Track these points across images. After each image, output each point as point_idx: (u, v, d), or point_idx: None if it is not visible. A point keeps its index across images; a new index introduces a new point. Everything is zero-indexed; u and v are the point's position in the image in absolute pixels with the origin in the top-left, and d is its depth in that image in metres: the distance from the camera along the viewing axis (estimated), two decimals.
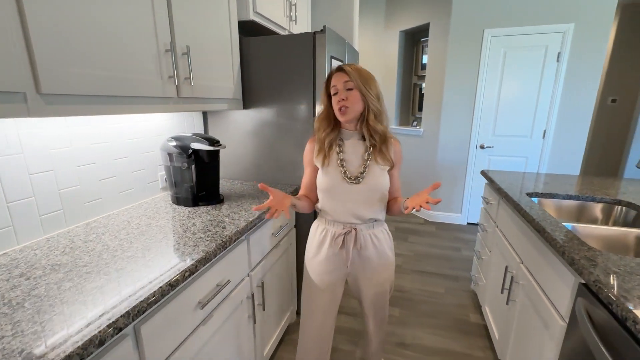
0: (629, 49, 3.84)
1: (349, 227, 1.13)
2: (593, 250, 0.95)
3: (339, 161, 1.10)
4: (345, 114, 1.05)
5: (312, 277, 1.21)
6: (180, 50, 1.17)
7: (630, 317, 0.67)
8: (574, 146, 3.02)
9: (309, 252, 1.23)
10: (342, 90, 1.04)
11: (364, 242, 1.14)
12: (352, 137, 1.12)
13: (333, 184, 1.10)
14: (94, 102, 0.89)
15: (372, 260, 1.16)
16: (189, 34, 1.22)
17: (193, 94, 1.26)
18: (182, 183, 1.36)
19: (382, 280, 1.19)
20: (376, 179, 1.10)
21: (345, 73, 1.03)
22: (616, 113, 4.17)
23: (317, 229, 1.20)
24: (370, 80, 1.05)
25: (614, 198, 1.50)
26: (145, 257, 0.92)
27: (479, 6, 2.93)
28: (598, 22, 2.71)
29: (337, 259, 1.16)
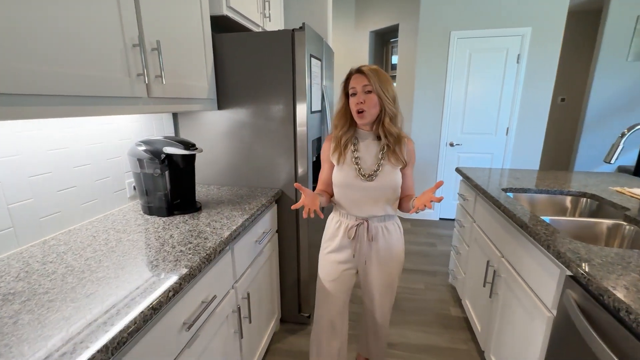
0: (575, 51, 4.19)
1: (361, 220, 1.18)
2: (575, 242, 0.99)
3: (353, 159, 1.14)
4: (363, 117, 1.09)
5: (325, 267, 1.26)
6: (150, 45, 1.06)
7: (623, 307, 0.70)
8: (533, 142, 3.23)
9: (324, 243, 1.28)
10: (360, 92, 1.07)
11: (375, 234, 1.19)
12: (367, 137, 1.16)
13: (348, 181, 1.15)
14: (49, 104, 0.77)
15: (382, 251, 1.21)
16: (159, 27, 1.11)
17: (165, 94, 1.15)
18: (155, 191, 1.24)
19: (390, 272, 1.24)
20: (389, 176, 1.13)
21: (365, 76, 1.06)
22: (565, 111, 4.54)
23: (332, 221, 1.26)
24: (387, 84, 1.08)
25: (579, 191, 1.60)
26: (119, 277, 0.82)
27: (445, 9, 3.03)
28: (551, 26, 2.92)
29: (349, 250, 1.22)
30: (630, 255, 0.91)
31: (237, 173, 1.71)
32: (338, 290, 1.26)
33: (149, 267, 0.87)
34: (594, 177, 1.88)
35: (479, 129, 3.26)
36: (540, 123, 3.17)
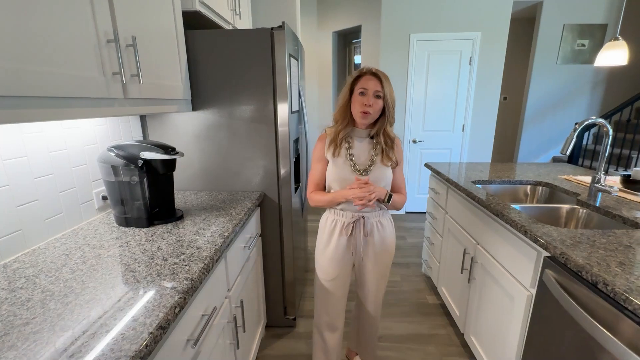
0: (514, 55, 4.65)
1: (357, 216, 1.21)
2: (547, 226, 1.11)
3: (348, 156, 1.18)
4: (366, 118, 1.13)
5: (323, 266, 1.28)
6: (125, 41, 0.97)
7: (600, 280, 0.80)
8: (486, 137, 3.53)
9: (320, 244, 1.29)
10: (370, 95, 1.10)
11: (370, 229, 1.23)
12: (362, 135, 1.20)
13: (344, 176, 1.18)
14: (10, 106, 0.67)
15: (377, 244, 1.25)
16: (133, 22, 1.02)
17: (141, 94, 1.06)
18: (132, 200, 1.14)
19: (384, 263, 1.30)
20: (382, 171, 1.19)
21: (379, 81, 1.10)
22: (508, 109, 5.02)
23: (327, 221, 1.27)
24: (392, 91, 1.13)
25: (535, 180, 1.79)
26: (112, 297, 0.74)
27: (404, 12, 3.18)
28: (497, 31, 3.20)
29: (346, 247, 1.24)
30: (594, 234, 1.04)
31: (214, 177, 1.63)
32: (338, 288, 1.29)
33: (144, 284, 0.80)
34: (544, 167, 2.11)
35: (439, 126, 3.47)
36: (491, 120, 3.47)
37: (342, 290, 1.32)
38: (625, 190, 1.48)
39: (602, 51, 2.20)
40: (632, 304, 0.71)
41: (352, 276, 1.35)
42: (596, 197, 1.39)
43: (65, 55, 0.77)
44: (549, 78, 4.16)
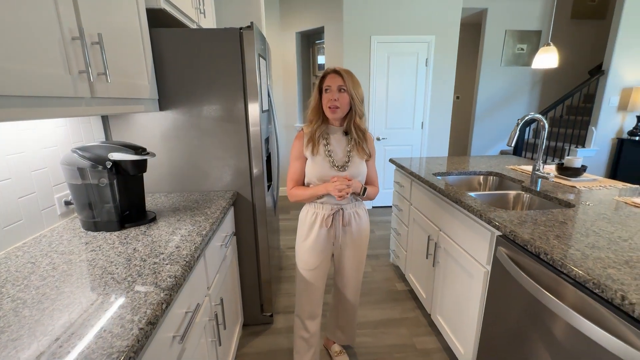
0: (465, 57, 5.03)
1: (336, 208, 1.28)
2: (498, 210, 1.25)
3: (326, 152, 1.24)
4: (335, 112, 1.19)
5: (304, 258, 1.33)
6: (90, 38, 0.94)
7: (542, 251, 0.94)
8: (442, 134, 3.79)
9: (300, 236, 1.35)
10: (334, 90, 1.17)
11: (349, 220, 1.31)
12: (337, 132, 1.26)
13: (324, 172, 1.24)
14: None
15: (354, 233, 1.34)
16: (98, 19, 0.99)
17: (109, 94, 1.03)
18: (102, 203, 1.10)
19: (361, 250, 1.39)
20: (358, 167, 1.26)
21: (341, 77, 1.17)
22: (460, 107, 5.41)
23: (307, 214, 1.32)
24: (358, 86, 1.19)
25: (487, 171, 1.98)
26: (93, 299, 0.73)
27: (364, 15, 3.31)
28: (449, 35, 3.46)
29: (326, 238, 1.31)
30: (535, 215, 1.20)
31: (185, 178, 1.60)
32: (318, 278, 1.35)
33: (125, 285, 0.79)
34: (493, 159, 2.33)
35: (400, 124, 3.66)
36: (446, 117, 3.73)
37: (322, 280, 1.38)
38: (560, 177, 1.70)
39: (537, 55, 2.48)
40: (567, 268, 0.85)
41: (330, 267, 1.42)
42: (537, 183, 1.59)
43: (28, 51, 0.74)
44: (494, 79, 4.56)
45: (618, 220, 1.12)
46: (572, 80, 4.54)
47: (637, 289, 0.72)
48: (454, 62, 3.55)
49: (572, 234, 1.02)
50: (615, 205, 1.28)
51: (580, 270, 0.81)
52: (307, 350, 1.44)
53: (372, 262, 2.58)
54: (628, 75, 3.62)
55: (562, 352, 0.88)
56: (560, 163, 1.74)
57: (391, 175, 3.72)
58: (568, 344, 0.86)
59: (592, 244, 0.95)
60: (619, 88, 3.66)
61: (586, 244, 0.94)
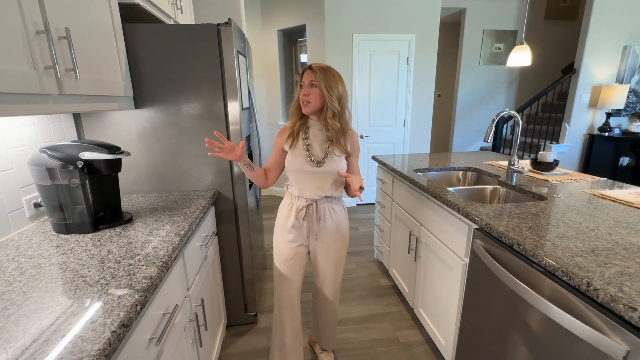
0: (445, 56, 5.13)
1: (310, 201, 1.28)
2: (475, 204, 1.29)
3: (305, 146, 1.24)
4: (306, 107, 1.20)
5: (280, 248, 1.35)
6: (57, 33, 0.90)
7: (515, 242, 0.97)
8: (424, 131, 3.86)
9: (278, 225, 1.36)
10: (306, 85, 1.18)
11: (323, 214, 1.30)
12: (316, 127, 1.26)
13: (299, 166, 1.25)
14: None
15: (330, 230, 1.33)
16: (65, 12, 0.95)
17: (79, 91, 0.99)
18: (73, 205, 1.06)
19: (338, 249, 1.37)
20: (334, 164, 1.25)
21: (313, 72, 1.16)
22: (441, 105, 5.52)
23: (285, 204, 1.34)
24: (332, 83, 1.17)
25: (465, 166, 2.03)
26: (63, 304, 0.70)
27: (346, 13, 3.32)
28: (429, 34, 3.51)
29: (301, 229, 1.32)
30: (510, 208, 1.24)
31: (163, 178, 1.56)
32: (293, 269, 1.35)
33: (98, 287, 0.76)
34: (472, 155, 2.40)
35: (383, 121, 3.70)
36: (427, 115, 3.80)
37: (297, 273, 1.36)
38: (534, 171, 1.77)
39: (511, 54, 2.56)
40: (538, 258, 0.88)
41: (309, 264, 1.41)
42: (512, 178, 1.64)
43: None
44: (473, 77, 4.67)
45: (586, 212, 1.18)
46: (547, 78, 4.72)
47: (602, 276, 0.76)
48: (434, 60, 3.62)
49: (543, 225, 1.06)
50: (584, 198, 1.34)
51: (550, 259, 0.85)
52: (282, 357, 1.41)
53: (357, 259, 2.60)
54: (597, 74, 3.79)
55: (536, 340, 0.92)
56: (534, 158, 1.80)
57: (374, 172, 3.76)
58: (541, 331, 0.90)
59: (562, 234, 0.99)
60: (589, 86, 3.82)
61: (556, 235, 0.98)
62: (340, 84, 1.20)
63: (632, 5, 3.61)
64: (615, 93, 3.66)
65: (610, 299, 0.69)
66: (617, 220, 1.09)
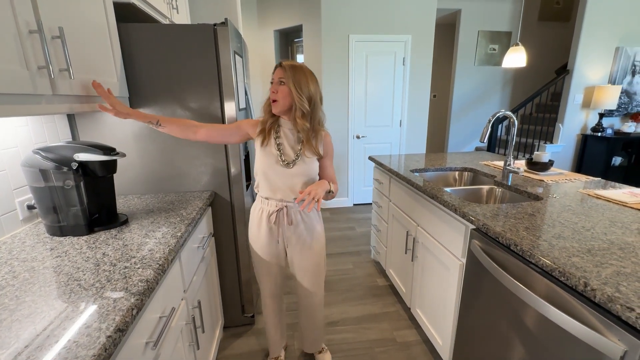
0: (441, 57, 5.16)
1: (281, 205, 1.25)
2: (472, 204, 1.29)
3: (276, 145, 1.21)
4: (275, 105, 1.17)
5: (256, 252, 1.34)
6: (50, 32, 0.89)
7: (512, 242, 0.97)
8: (420, 131, 3.87)
9: (251, 231, 1.34)
10: (276, 83, 1.14)
11: (295, 219, 1.27)
12: (286, 126, 1.22)
13: (269, 167, 1.21)
14: None
15: (304, 235, 1.30)
16: (59, 12, 0.94)
17: (73, 91, 0.97)
18: (68, 206, 1.04)
19: (314, 252, 1.34)
20: (306, 165, 1.22)
21: (283, 70, 1.13)
22: (437, 105, 5.55)
23: (255, 209, 1.31)
24: (303, 82, 1.13)
25: (462, 167, 2.04)
26: (57, 308, 0.69)
27: (343, 13, 3.32)
28: (425, 35, 3.53)
29: (274, 235, 1.29)
30: (506, 208, 1.25)
31: (159, 179, 1.55)
32: (270, 271, 1.36)
33: (93, 291, 0.75)
34: (468, 155, 2.41)
35: (379, 122, 3.71)
36: (423, 115, 3.81)
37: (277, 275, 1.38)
38: (529, 171, 1.78)
39: (506, 55, 2.58)
40: (535, 258, 0.88)
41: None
42: (508, 178, 1.65)
43: None
44: (469, 78, 4.70)
45: (582, 212, 1.19)
46: (541, 79, 4.76)
47: (598, 276, 0.76)
48: (430, 61, 3.63)
49: (540, 226, 1.06)
50: (579, 197, 1.35)
51: (547, 259, 0.85)
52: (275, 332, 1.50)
53: (354, 259, 2.60)
54: (590, 75, 3.84)
55: (534, 340, 0.92)
56: (529, 158, 1.82)
57: (371, 172, 3.76)
58: (539, 331, 0.90)
59: (558, 234, 0.99)
60: (582, 87, 3.87)
61: (553, 235, 0.99)
62: (312, 83, 1.15)
63: (625, 6, 3.66)
64: (607, 94, 3.71)
65: (607, 299, 0.69)
66: (612, 220, 1.10)
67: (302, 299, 1.44)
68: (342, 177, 3.81)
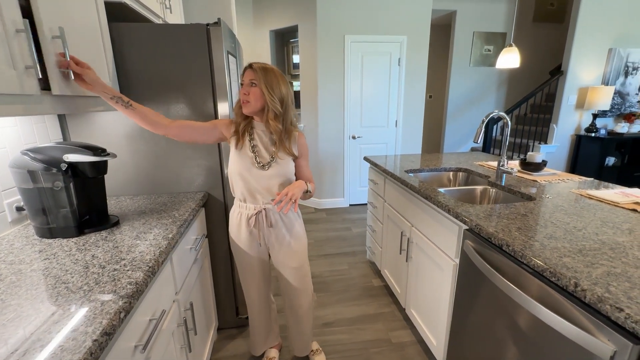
0: (436, 57, 5.18)
1: (259, 208, 1.24)
2: (465, 204, 1.29)
3: (251, 147, 1.20)
4: (246, 107, 1.16)
5: (239, 257, 1.35)
6: (51, 32, 0.88)
7: (504, 242, 0.97)
8: (415, 131, 3.88)
9: (232, 235, 1.34)
10: (247, 84, 1.14)
11: (275, 221, 1.27)
12: (259, 128, 1.23)
13: (245, 169, 1.20)
14: None
15: (285, 236, 1.30)
16: (57, 12, 0.92)
17: (62, 91, 0.96)
18: (57, 208, 1.03)
19: (296, 254, 1.34)
20: (282, 166, 1.22)
21: (253, 71, 1.13)
22: (433, 106, 5.57)
23: (234, 214, 1.31)
24: (274, 83, 1.13)
25: (456, 167, 2.04)
26: (43, 312, 0.68)
27: (338, 14, 3.32)
28: (421, 36, 3.54)
29: (255, 237, 1.29)
30: (499, 208, 1.25)
31: (152, 180, 1.54)
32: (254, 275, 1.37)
33: (80, 294, 0.74)
34: (463, 156, 2.41)
35: (375, 122, 3.71)
36: (419, 115, 3.82)
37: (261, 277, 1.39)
38: (523, 171, 1.79)
39: (500, 56, 2.59)
40: (527, 258, 0.89)
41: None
42: (502, 178, 1.66)
43: None
44: (464, 78, 4.72)
45: (574, 212, 1.19)
46: (535, 80, 4.79)
47: (589, 276, 0.76)
48: (425, 61, 3.64)
49: (532, 226, 1.07)
50: (572, 198, 1.36)
51: (538, 260, 0.85)
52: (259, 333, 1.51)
53: (349, 260, 2.60)
54: (584, 76, 3.87)
55: (526, 340, 0.92)
56: (523, 159, 1.82)
57: (366, 172, 3.76)
58: (530, 331, 0.90)
59: (550, 234, 1.00)
60: (576, 88, 3.90)
61: (544, 235, 0.99)
62: (283, 84, 1.15)
63: (618, 8, 3.69)
64: (601, 94, 3.74)
65: (597, 300, 0.69)
66: (604, 220, 1.10)
67: (288, 300, 1.44)
68: (338, 178, 3.81)
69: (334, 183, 3.81)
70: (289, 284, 1.38)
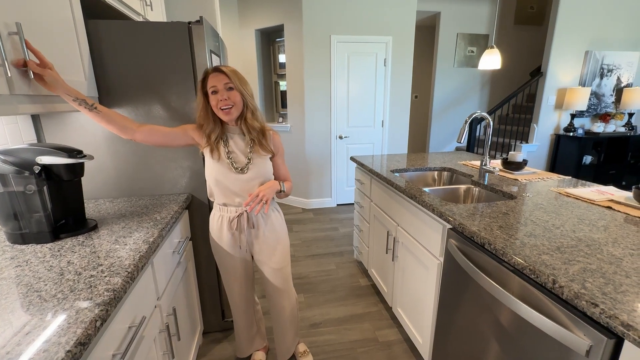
0: (421, 58, 5.25)
1: (241, 210, 1.23)
2: (449, 204, 1.31)
3: (226, 154, 1.19)
4: (230, 113, 1.14)
5: (221, 259, 1.33)
6: (6, 28, 0.83)
7: (486, 241, 0.99)
8: (401, 131, 3.92)
9: (213, 239, 1.32)
10: (222, 90, 1.11)
11: (257, 222, 1.27)
12: (235, 133, 1.22)
13: (222, 175, 1.19)
14: None
15: (267, 236, 1.30)
16: (16, 6, 0.88)
17: (34, 90, 0.92)
18: (30, 213, 0.98)
19: (279, 253, 1.34)
20: (260, 167, 1.22)
21: (225, 75, 1.11)
22: (419, 106, 5.64)
23: (214, 217, 1.29)
24: (245, 81, 1.15)
25: (441, 166, 2.07)
26: (13, 323, 0.65)
27: (324, 14, 3.32)
28: (406, 37, 3.57)
29: (236, 240, 1.28)
30: (482, 207, 1.27)
31: (133, 182, 1.49)
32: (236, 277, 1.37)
33: (54, 302, 0.71)
34: (448, 155, 2.45)
35: (361, 122, 3.73)
36: (405, 115, 3.86)
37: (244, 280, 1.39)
38: (505, 170, 1.83)
39: (482, 57, 2.64)
40: (507, 256, 0.90)
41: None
42: (484, 177, 1.69)
43: None
44: (448, 79, 4.80)
45: (553, 210, 1.22)
46: (517, 81, 4.92)
47: (566, 273, 0.79)
48: (410, 62, 3.68)
49: (513, 224, 1.09)
50: (551, 196, 1.40)
51: (518, 258, 0.87)
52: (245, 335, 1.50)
53: (337, 260, 2.60)
54: (562, 77, 4.00)
55: (507, 336, 0.94)
56: (505, 158, 1.87)
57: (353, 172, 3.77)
58: (512, 328, 0.92)
59: (530, 232, 1.02)
60: (555, 88, 4.02)
61: (524, 233, 1.02)
62: (247, 82, 1.17)
63: (594, 13, 3.83)
64: (578, 95, 3.87)
65: (574, 296, 0.71)
66: (581, 218, 1.14)
67: (272, 302, 1.43)
68: (326, 178, 3.81)
69: (321, 183, 3.81)
70: (272, 285, 1.38)
